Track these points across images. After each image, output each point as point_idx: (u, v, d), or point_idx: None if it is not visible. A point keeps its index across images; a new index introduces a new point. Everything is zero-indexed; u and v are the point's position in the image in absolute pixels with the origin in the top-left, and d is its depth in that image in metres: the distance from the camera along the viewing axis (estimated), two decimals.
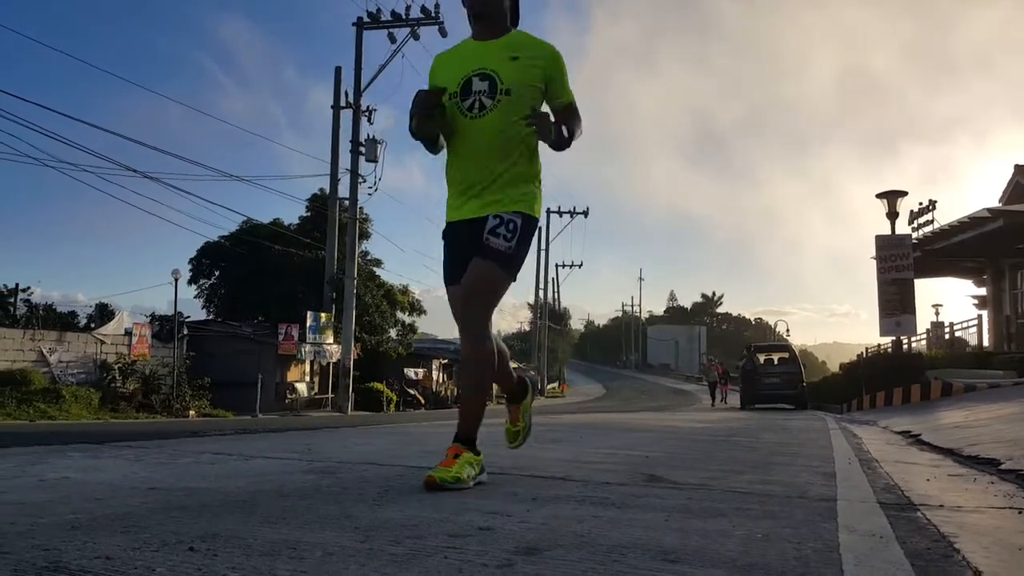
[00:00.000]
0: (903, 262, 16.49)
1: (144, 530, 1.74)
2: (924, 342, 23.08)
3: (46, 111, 19.79)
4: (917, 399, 13.03)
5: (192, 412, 17.81)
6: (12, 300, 19.63)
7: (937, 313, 27.35)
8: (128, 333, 19.35)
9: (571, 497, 2.49)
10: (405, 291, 31.16)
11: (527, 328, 63.16)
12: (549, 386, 52.41)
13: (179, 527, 1.78)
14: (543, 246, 49.35)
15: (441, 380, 33.15)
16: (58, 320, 19.31)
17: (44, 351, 17.41)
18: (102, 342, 18.69)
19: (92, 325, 19.73)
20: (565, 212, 48.13)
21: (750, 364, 20.11)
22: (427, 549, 1.62)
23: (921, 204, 19.69)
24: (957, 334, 23.05)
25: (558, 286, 55.41)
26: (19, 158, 16.52)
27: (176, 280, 19.34)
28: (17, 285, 19.84)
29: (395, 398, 25.38)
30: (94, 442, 4.65)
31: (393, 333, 30.04)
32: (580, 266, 53.06)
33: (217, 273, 30.09)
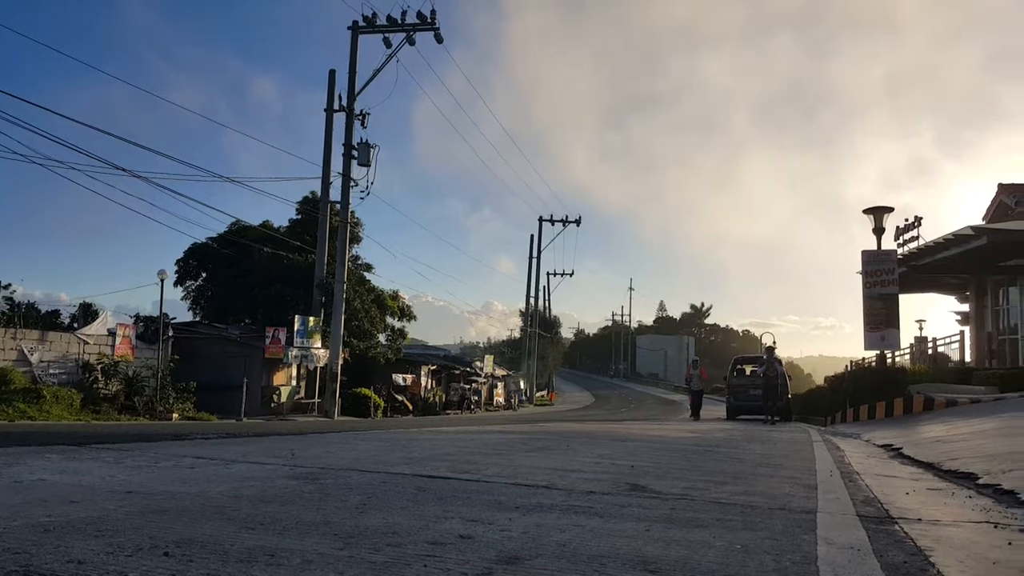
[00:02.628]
0: (888, 277, 16.62)
1: (119, 534, 1.72)
2: (908, 357, 23.24)
3: (29, 105, 19.66)
4: (900, 413, 13.12)
5: (175, 415, 17.64)
6: None
7: (921, 328, 27.55)
8: (112, 333, 19.15)
9: (555, 506, 2.49)
10: (395, 296, 31.05)
11: (517, 335, 63.15)
12: (538, 394, 52.32)
13: (155, 531, 1.77)
14: (535, 254, 49.39)
15: (429, 386, 33.04)
16: (40, 319, 19.07)
17: (25, 350, 17.20)
18: (85, 342, 18.49)
19: (75, 325, 19.50)
20: (557, 220, 48.20)
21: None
22: (406, 557, 1.61)
23: (907, 220, 19.89)
24: (940, 349, 23.24)
25: (549, 294, 55.44)
26: (4, 154, 16.37)
27: (162, 281, 19.17)
28: None
29: (383, 404, 25.24)
30: (73, 444, 4.61)
31: (382, 338, 29.90)
32: (571, 275, 53.12)
33: (204, 274, 29.89)
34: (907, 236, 19.64)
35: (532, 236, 49.44)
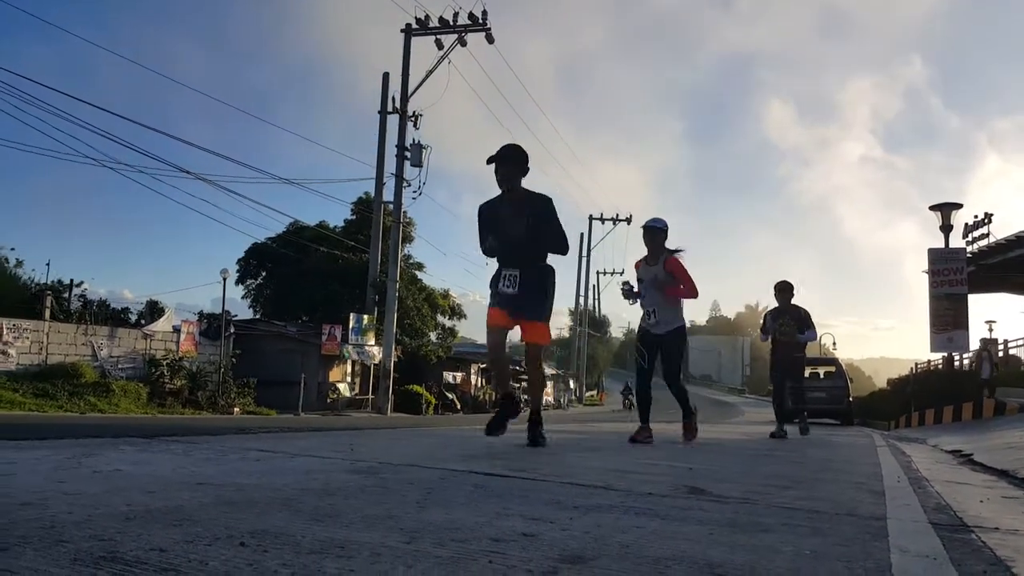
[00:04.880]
0: (957, 276, 15.99)
1: (195, 524, 1.78)
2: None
3: (99, 111, 20.52)
4: (968, 417, 12.61)
5: (236, 409, 18.19)
6: (67, 295, 20.30)
7: (991, 329, 26.47)
8: (176, 330, 19.88)
9: (613, 506, 2.47)
10: (446, 295, 31.41)
11: (566, 335, 63.01)
12: (587, 394, 52.18)
13: (229, 522, 1.82)
14: (584, 253, 49.20)
15: (479, 384, 33.25)
16: (109, 316, 19.91)
17: (95, 345, 17.97)
18: (151, 338, 19.23)
19: (142, 321, 20.30)
20: (608, 219, 47.90)
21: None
22: (471, 553, 1.63)
23: (976, 217, 19.12)
24: (1012, 351, 22.24)
25: (598, 293, 55.16)
26: (78, 158, 17.16)
27: (224, 279, 19.80)
28: (72, 281, 20.55)
29: (433, 401, 25.56)
30: (144, 436, 4.79)
31: (433, 336, 30.29)
32: (622, 273, 52.72)
33: (264, 273, 30.77)
34: (976, 234, 18.88)
35: (582, 234, 49.29)
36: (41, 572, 1.31)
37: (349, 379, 24.73)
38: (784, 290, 8.66)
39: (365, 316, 23.61)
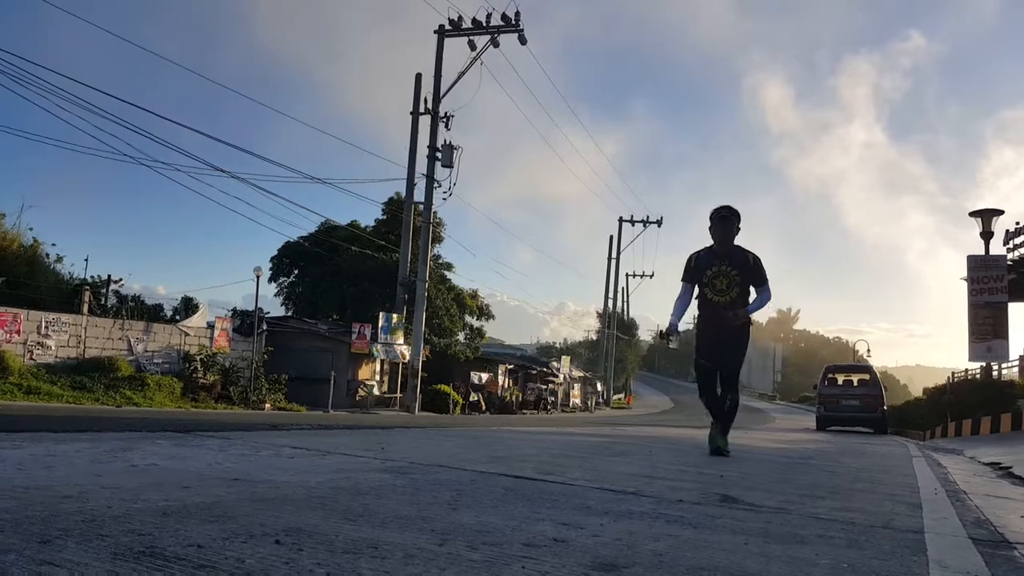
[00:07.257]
0: (997, 284, 15.59)
1: (231, 520, 1.80)
2: (1017, 369, 21.77)
3: (139, 110, 21.03)
4: (1007, 429, 12.28)
5: (268, 405, 18.42)
6: (104, 291, 20.75)
7: None
8: (210, 326, 20.21)
9: (644, 513, 2.45)
10: (475, 295, 31.50)
11: (593, 337, 62.80)
12: (615, 397, 51.92)
13: (264, 519, 1.84)
14: (613, 255, 48.97)
15: (506, 385, 33.26)
16: (145, 311, 20.31)
17: (131, 340, 18.34)
18: (186, 334, 19.57)
19: (177, 317, 20.67)
20: (638, 221, 47.55)
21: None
22: (504, 557, 1.63)
23: (1018, 224, 18.64)
24: None
25: (628, 296, 54.83)
26: (117, 156, 17.56)
27: (258, 277, 20.07)
28: (109, 276, 21.00)
29: (460, 401, 25.62)
30: (180, 431, 4.87)
31: (461, 336, 30.41)
32: (652, 276, 52.37)
33: (296, 272, 31.15)
34: (1017, 240, 18.42)
35: (611, 237, 49.09)
36: (83, 566, 1.33)
37: (378, 377, 24.91)
38: (725, 218, 5.61)
39: (394, 315, 23.76)
